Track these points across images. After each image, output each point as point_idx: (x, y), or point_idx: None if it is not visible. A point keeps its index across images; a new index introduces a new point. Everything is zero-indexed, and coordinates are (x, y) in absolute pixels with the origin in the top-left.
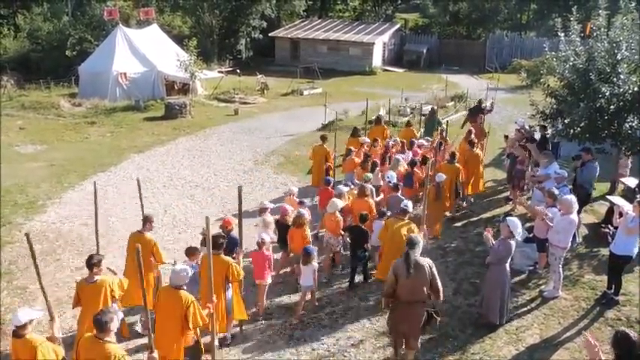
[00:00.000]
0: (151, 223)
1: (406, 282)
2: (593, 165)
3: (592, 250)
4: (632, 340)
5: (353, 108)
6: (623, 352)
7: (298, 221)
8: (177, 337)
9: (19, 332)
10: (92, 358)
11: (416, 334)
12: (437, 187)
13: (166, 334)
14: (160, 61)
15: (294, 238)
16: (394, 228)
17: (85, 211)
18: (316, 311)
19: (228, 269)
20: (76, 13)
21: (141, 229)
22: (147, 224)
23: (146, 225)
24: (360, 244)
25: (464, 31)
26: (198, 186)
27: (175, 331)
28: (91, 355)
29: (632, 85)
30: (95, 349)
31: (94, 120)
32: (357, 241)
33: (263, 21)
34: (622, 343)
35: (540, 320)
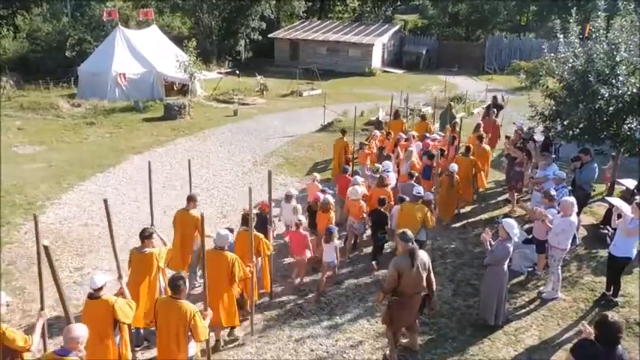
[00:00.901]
0: (195, 201)
1: (410, 276)
2: (592, 166)
3: (591, 251)
4: (610, 321)
5: (352, 109)
6: (603, 333)
7: (325, 206)
8: (226, 289)
9: (95, 294)
10: (170, 315)
11: (416, 319)
12: (450, 177)
13: (217, 289)
14: (159, 62)
15: (321, 221)
16: (409, 211)
17: (85, 212)
18: (316, 312)
19: (259, 243)
20: (76, 14)
21: (186, 206)
22: (190, 202)
23: (190, 203)
24: (381, 226)
25: (463, 32)
26: (197, 187)
27: (224, 285)
28: (169, 313)
29: (631, 86)
30: (172, 307)
31: (93, 121)
32: (377, 224)
33: (262, 22)
34: (602, 325)
35: (539, 321)
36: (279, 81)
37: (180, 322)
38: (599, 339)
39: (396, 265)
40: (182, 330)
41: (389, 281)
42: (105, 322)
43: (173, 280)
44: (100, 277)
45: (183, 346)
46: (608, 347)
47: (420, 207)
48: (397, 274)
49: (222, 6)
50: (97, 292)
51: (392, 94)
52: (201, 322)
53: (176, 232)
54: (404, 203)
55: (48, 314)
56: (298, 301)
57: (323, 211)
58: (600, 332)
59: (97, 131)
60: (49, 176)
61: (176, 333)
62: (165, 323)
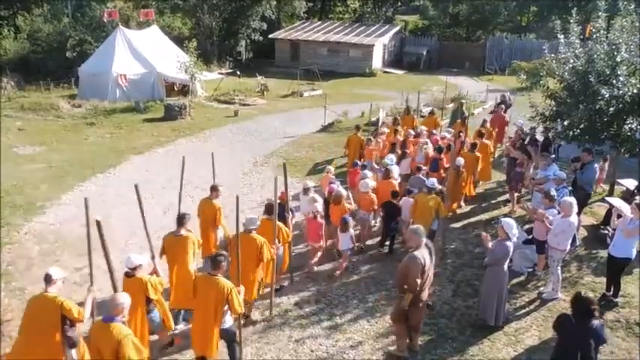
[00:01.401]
0: (217, 191)
1: (426, 271)
2: (592, 166)
3: (591, 251)
4: (583, 296)
5: (353, 109)
6: (577, 307)
7: (337, 199)
8: (254, 268)
9: (131, 273)
10: (209, 291)
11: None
12: (457, 171)
13: (246, 269)
14: (160, 63)
15: (334, 212)
16: (423, 202)
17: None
18: (316, 312)
19: (280, 231)
20: (76, 15)
21: (209, 196)
22: (213, 192)
23: (212, 193)
24: (393, 217)
25: (464, 33)
26: (197, 187)
27: (253, 265)
28: (208, 289)
29: (631, 87)
30: (211, 283)
31: (94, 121)
32: (389, 215)
33: (263, 23)
34: (576, 301)
35: (539, 322)
36: (279, 81)
37: (218, 296)
38: (574, 313)
39: (417, 260)
40: (220, 304)
41: (414, 278)
42: (138, 298)
43: (215, 255)
44: (136, 257)
45: (219, 319)
46: (582, 320)
47: (433, 198)
48: (421, 269)
49: (222, 6)
50: (132, 271)
51: (403, 93)
52: (237, 296)
53: (200, 219)
54: (418, 195)
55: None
56: (298, 302)
57: (335, 204)
58: (574, 307)
59: (98, 132)
60: (49, 177)
61: (214, 307)
62: (204, 298)
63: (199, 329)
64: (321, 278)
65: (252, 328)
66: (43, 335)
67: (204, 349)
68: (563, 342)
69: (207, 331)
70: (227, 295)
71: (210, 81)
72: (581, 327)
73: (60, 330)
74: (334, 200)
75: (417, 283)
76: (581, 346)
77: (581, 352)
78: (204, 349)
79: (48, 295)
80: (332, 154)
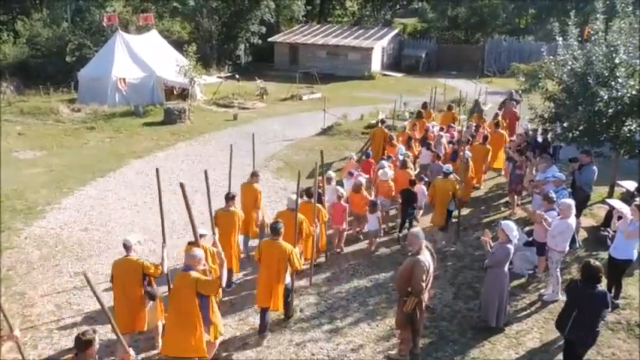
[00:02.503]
0: (257, 176)
1: (429, 273)
2: (591, 168)
3: (591, 253)
4: (591, 265)
5: (352, 112)
6: (585, 274)
7: (357, 187)
8: (293, 242)
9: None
10: (272, 253)
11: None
12: (466, 163)
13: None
14: (159, 67)
15: (354, 201)
16: (440, 185)
17: (85, 216)
18: (316, 316)
19: (319, 212)
20: (76, 19)
21: (250, 180)
22: (254, 177)
23: (253, 177)
24: (410, 203)
25: (462, 35)
26: (197, 191)
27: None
28: (271, 251)
29: (630, 88)
30: (274, 246)
31: (93, 125)
32: (407, 201)
33: (262, 26)
34: (584, 268)
35: (540, 324)
36: (278, 85)
37: (280, 257)
38: (583, 279)
39: (422, 264)
40: (282, 264)
41: (419, 282)
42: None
43: (275, 224)
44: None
45: (282, 276)
46: (588, 285)
47: (450, 181)
48: (426, 273)
49: (221, 10)
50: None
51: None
52: (296, 256)
53: (241, 202)
54: (436, 180)
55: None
56: (299, 305)
57: (355, 192)
58: (583, 274)
59: (98, 136)
60: (49, 181)
61: (277, 267)
62: (268, 259)
63: (264, 285)
64: (321, 282)
65: (253, 331)
66: (129, 290)
67: (268, 302)
68: (570, 304)
69: (271, 286)
70: (288, 255)
71: (210, 85)
72: (587, 291)
73: (142, 285)
74: (354, 189)
75: (422, 287)
76: (587, 309)
77: (587, 314)
78: (269, 302)
79: (130, 258)
80: (332, 157)
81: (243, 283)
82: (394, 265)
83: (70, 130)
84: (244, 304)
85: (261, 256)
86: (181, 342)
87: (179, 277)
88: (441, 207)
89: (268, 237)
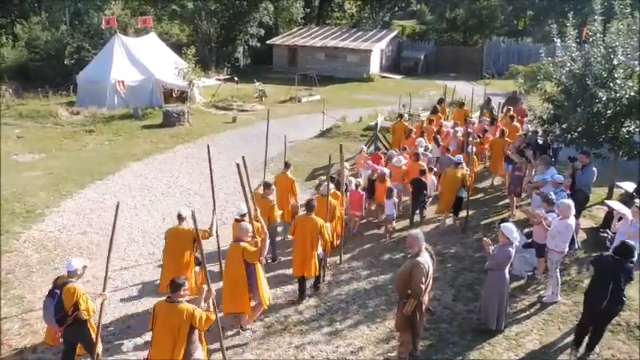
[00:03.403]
0: (290, 166)
1: (429, 275)
2: (590, 169)
3: (591, 255)
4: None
5: (351, 115)
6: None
7: (381, 177)
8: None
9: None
10: (306, 227)
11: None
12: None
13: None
14: (158, 69)
15: (379, 189)
16: (451, 174)
17: (84, 219)
18: (316, 318)
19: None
20: (74, 22)
21: (283, 170)
22: (287, 167)
23: (287, 167)
24: (421, 191)
25: (461, 37)
26: (196, 194)
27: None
28: (305, 225)
29: (628, 89)
30: (307, 221)
31: (92, 128)
32: (418, 189)
33: (261, 29)
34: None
35: (540, 326)
36: (277, 87)
37: (313, 230)
38: (616, 252)
39: (421, 266)
40: (315, 236)
41: (419, 284)
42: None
43: (308, 202)
44: (243, 206)
45: (315, 247)
46: (620, 259)
47: (460, 170)
48: (425, 275)
49: (220, 13)
50: (242, 218)
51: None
52: (326, 230)
53: (277, 190)
54: (447, 169)
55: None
56: (298, 307)
57: (380, 182)
58: (618, 248)
59: (96, 139)
60: (48, 184)
61: (310, 239)
62: (302, 232)
63: (300, 256)
64: (321, 284)
65: (252, 334)
66: (180, 255)
67: (304, 271)
68: (603, 279)
69: (306, 256)
70: (320, 229)
71: (209, 87)
72: (617, 264)
73: (191, 251)
74: (379, 179)
75: (421, 289)
76: (614, 280)
77: (613, 285)
78: (304, 270)
79: (183, 227)
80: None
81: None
82: (393, 267)
83: (68, 132)
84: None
85: (296, 230)
86: (232, 301)
87: (231, 247)
88: (449, 194)
89: (303, 213)
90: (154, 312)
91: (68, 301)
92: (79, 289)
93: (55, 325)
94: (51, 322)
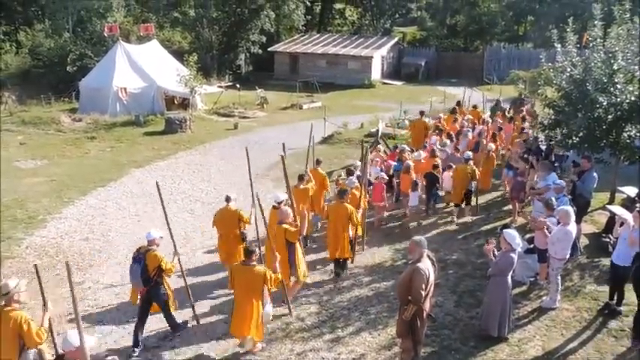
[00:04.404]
0: (321, 162)
1: (430, 281)
2: (591, 174)
3: (593, 260)
4: None
5: (352, 121)
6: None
7: (406, 169)
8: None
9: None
10: (338, 213)
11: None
12: (487, 154)
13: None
14: (160, 77)
15: (404, 180)
16: (461, 169)
17: (86, 226)
18: (318, 325)
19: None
20: (77, 30)
21: (315, 166)
22: (318, 163)
23: (318, 164)
24: (433, 184)
25: (461, 43)
26: (198, 200)
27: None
28: (338, 210)
29: (629, 94)
30: (340, 207)
31: (94, 135)
32: (431, 183)
33: (262, 36)
34: None
35: (542, 332)
36: (279, 94)
37: (344, 215)
38: None
39: (421, 272)
40: (346, 221)
41: (419, 290)
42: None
43: (342, 190)
44: (279, 195)
45: (346, 230)
46: None
47: (469, 166)
48: (425, 281)
49: (222, 20)
50: (279, 205)
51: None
52: (356, 214)
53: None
54: (457, 165)
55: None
56: (300, 314)
57: (405, 173)
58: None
59: (98, 145)
60: (50, 190)
61: (342, 224)
62: (334, 217)
63: (333, 238)
64: (322, 291)
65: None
66: (229, 232)
67: (337, 252)
68: None
69: (339, 238)
70: (350, 214)
71: (210, 94)
72: None
73: (238, 228)
74: (404, 170)
75: (421, 295)
76: None
77: None
78: (338, 252)
79: (230, 208)
80: (332, 166)
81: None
82: (395, 273)
83: (71, 139)
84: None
85: (329, 216)
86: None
87: (277, 230)
88: (460, 187)
89: (334, 200)
90: (232, 274)
91: (152, 265)
92: (160, 254)
93: (141, 285)
94: (138, 283)
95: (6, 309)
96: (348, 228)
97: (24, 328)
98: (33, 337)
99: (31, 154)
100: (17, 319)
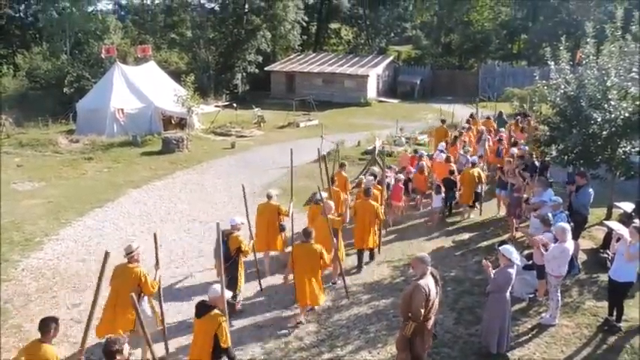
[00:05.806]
0: (345, 166)
1: (431, 298)
2: (587, 190)
3: (592, 276)
4: None
5: (349, 139)
6: None
7: (421, 169)
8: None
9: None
10: (366, 209)
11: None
12: (512, 157)
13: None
14: (157, 97)
15: (417, 180)
16: (468, 173)
17: (83, 247)
18: (316, 344)
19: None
20: (75, 52)
21: (339, 169)
22: (342, 167)
23: (342, 167)
24: (451, 188)
25: (456, 61)
26: (195, 219)
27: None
28: (365, 207)
29: (622, 110)
30: (366, 204)
31: (92, 156)
32: (447, 187)
33: (259, 56)
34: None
35: (542, 349)
36: (275, 113)
37: (371, 211)
38: None
39: (421, 289)
40: (372, 216)
41: (418, 307)
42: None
43: (367, 189)
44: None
45: (373, 225)
46: None
47: (477, 169)
48: (425, 298)
49: (219, 41)
50: (319, 202)
51: (398, 122)
52: (381, 210)
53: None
54: (465, 170)
55: None
56: (298, 333)
57: (420, 173)
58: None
59: (96, 166)
60: (47, 212)
61: (369, 219)
62: (362, 213)
63: (360, 233)
64: (321, 309)
65: None
66: (270, 225)
67: (363, 244)
68: None
69: (364, 233)
70: (376, 210)
71: (207, 114)
72: None
73: (278, 220)
74: (419, 170)
75: (420, 312)
76: None
77: None
78: (364, 243)
79: (271, 203)
80: None
81: None
82: (394, 291)
83: (68, 160)
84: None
85: (357, 212)
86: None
87: (321, 221)
88: (469, 189)
89: (360, 198)
90: (293, 255)
91: (233, 246)
92: (241, 237)
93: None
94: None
95: (129, 265)
96: (375, 222)
97: (142, 280)
98: (149, 287)
99: (28, 176)
100: (137, 273)
